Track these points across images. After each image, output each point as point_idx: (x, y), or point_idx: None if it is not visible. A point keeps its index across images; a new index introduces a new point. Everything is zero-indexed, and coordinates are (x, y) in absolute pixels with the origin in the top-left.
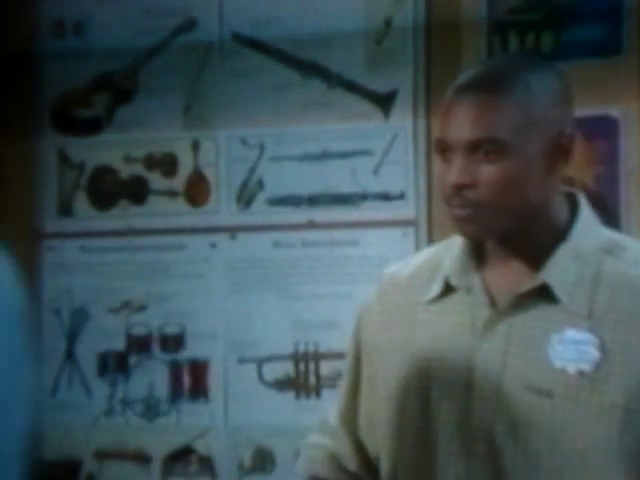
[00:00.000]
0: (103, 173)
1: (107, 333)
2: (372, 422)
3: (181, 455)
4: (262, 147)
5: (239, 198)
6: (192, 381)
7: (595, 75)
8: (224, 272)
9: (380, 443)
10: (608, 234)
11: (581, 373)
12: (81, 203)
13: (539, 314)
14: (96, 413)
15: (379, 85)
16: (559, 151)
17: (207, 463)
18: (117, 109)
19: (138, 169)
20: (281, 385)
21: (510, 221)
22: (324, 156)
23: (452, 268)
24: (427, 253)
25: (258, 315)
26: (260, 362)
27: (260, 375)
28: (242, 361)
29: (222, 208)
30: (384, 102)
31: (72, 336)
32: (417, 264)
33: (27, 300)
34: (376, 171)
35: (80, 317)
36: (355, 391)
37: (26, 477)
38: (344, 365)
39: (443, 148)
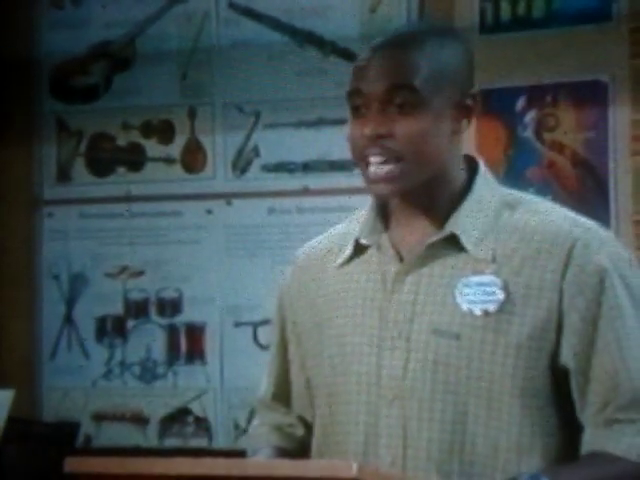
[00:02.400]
0: (101, 140)
1: (105, 298)
2: (306, 395)
3: (178, 417)
4: (257, 114)
5: (235, 165)
6: (189, 344)
7: (586, 41)
8: (220, 238)
9: (316, 411)
10: (506, 191)
11: (486, 313)
12: (79, 170)
13: (446, 262)
14: (94, 376)
15: None
16: (464, 111)
17: (203, 424)
18: (115, 77)
19: (135, 136)
20: None
21: (423, 175)
22: (319, 123)
23: (361, 229)
24: (336, 229)
25: (253, 279)
26: (255, 325)
27: (255, 338)
28: (238, 324)
29: (218, 175)
30: None
31: (71, 301)
32: (330, 236)
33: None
34: None
35: (78, 282)
36: (286, 371)
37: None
38: (271, 344)
39: (357, 103)
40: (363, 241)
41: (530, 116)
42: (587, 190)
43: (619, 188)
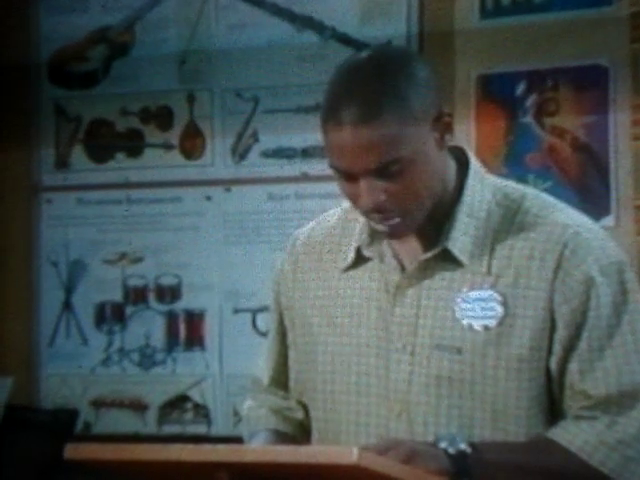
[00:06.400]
0: (99, 126)
1: (104, 284)
2: (302, 384)
3: (177, 403)
4: (256, 100)
5: (234, 151)
6: (188, 331)
7: (586, 25)
8: (219, 224)
9: (310, 405)
10: (498, 186)
11: (486, 328)
12: (78, 156)
13: (444, 276)
14: (93, 363)
15: (372, 37)
16: (444, 128)
17: (202, 411)
18: (113, 63)
19: (134, 122)
20: None
21: (425, 212)
22: (318, 109)
23: (362, 238)
24: (336, 214)
25: (252, 266)
26: (254, 312)
27: (254, 324)
28: (237, 311)
29: (217, 161)
30: None
31: (69, 287)
32: (327, 227)
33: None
34: None
35: (77, 269)
36: (285, 356)
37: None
38: (270, 329)
39: (342, 175)
40: (365, 252)
41: (530, 101)
42: (588, 175)
43: (620, 173)
